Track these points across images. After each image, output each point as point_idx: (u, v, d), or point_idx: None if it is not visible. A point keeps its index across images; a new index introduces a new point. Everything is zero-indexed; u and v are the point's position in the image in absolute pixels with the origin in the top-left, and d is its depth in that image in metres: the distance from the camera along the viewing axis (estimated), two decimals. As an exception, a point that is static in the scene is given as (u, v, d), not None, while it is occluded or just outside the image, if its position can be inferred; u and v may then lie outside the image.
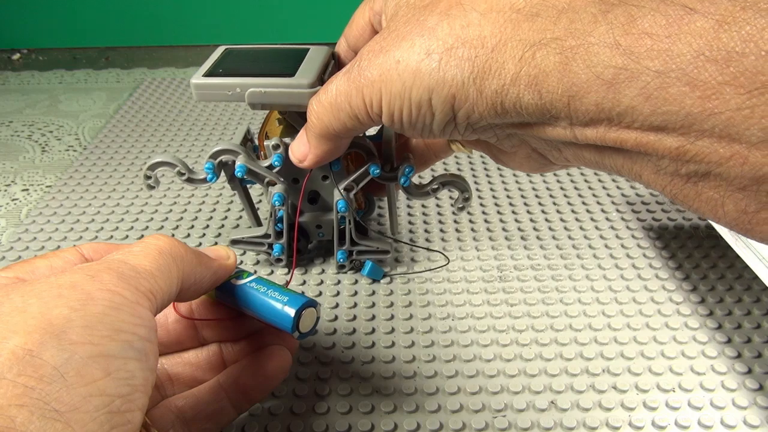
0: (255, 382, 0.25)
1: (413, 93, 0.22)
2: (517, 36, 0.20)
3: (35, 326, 0.15)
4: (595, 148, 0.21)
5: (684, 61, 0.16)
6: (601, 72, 0.18)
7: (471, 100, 0.21)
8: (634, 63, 0.17)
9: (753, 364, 0.31)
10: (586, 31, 0.18)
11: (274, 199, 0.35)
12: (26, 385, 0.14)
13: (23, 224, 0.44)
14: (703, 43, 0.16)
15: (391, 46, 0.22)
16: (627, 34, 0.17)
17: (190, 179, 0.36)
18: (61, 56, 0.83)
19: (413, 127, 0.24)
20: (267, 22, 0.84)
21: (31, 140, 0.59)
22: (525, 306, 0.36)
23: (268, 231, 0.37)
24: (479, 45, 0.20)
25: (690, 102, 0.16)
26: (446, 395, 0.30)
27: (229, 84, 0.30)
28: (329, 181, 0.36)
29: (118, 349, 0.17)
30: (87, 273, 0.18)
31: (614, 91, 0.18)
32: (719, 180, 0.17)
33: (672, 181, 0.19)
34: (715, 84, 0.16)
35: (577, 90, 0.19)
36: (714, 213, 0.18)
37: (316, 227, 0.38)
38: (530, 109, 0.20)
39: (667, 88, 0.17)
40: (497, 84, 0.20)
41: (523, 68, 0.20)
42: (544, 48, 0.19)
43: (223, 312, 0.27)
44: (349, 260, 0.38)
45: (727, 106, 0.16)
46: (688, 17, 0.16)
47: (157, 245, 0.21)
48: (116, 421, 0.16)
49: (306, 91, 0.29)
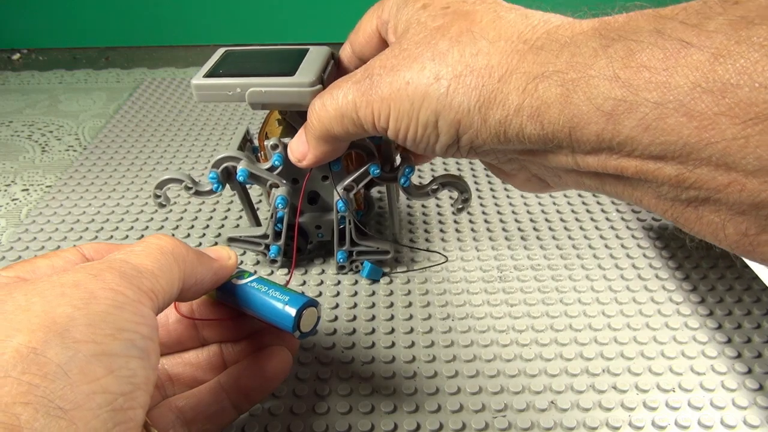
0: (255, 383, 0.26)
1: (421, 114, 0.23)
2: (522, 68, 0.21)
3: (39, 324, 0.16)
4: (596, 175, 0.21)
5: (681, 92, 0.17)
6: (601, 104, 0.18)
7: (475, 127, 0.22)
8: (633, 95, 0.18)
9: (753, 364, 0.31)
10: (587, 65, 0.19)
11: (277, 201, 0.35)
12: (30, 383, 0.14)
13: (23, 224, 0.44)
14: (700, 76, 0.16)
15: (403, 66, 0.23)
16: (626, 68, 0.18)
17: (197, 192, 0.36)
18: (61, 56, 0.83)
19: (417, 145, 0.25)
20: (267, 22, 0.84)
21: (31, 140, 0.59)
22: (525, 306, 0.36)
23: (267, 231, 0.37)
24: (487, 74, 0.21)
25: (687, 132, 0.17)
26: (446, 395, 0.30)
27: (230, 84, 0.30)
28: (329, 181, 0.36)
29: (120, 347, 0.17)
30: (89, 272, 0.18)
31: (614, 122, 0.18)
32: (719, 205, 0.18)
33: (673, 206, 0.19)
34: (711, 114, 0.16)
35: (578, 121, 0.19)
36: (715, 236, 0.19)
37: (316, 228, 0.38)
38: (533, 138, 0.21)
39: (665, 118, 0.17)
40: (501, 114, 0.21)
41: (526, 99, 0.20)
42: (547, 80, 0.20)
43: (224, 312, 0.27)
44: (349, 261, 0.38)
45: (723, 136, 0.16)
46: (684, 51, 0.17)
47: (158, 245, 0.21)
48: (119, 418, 0.16)
49: (306, 90, 0.29)
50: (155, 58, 0.81)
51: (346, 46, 0.31)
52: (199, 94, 0.31)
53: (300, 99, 0.29)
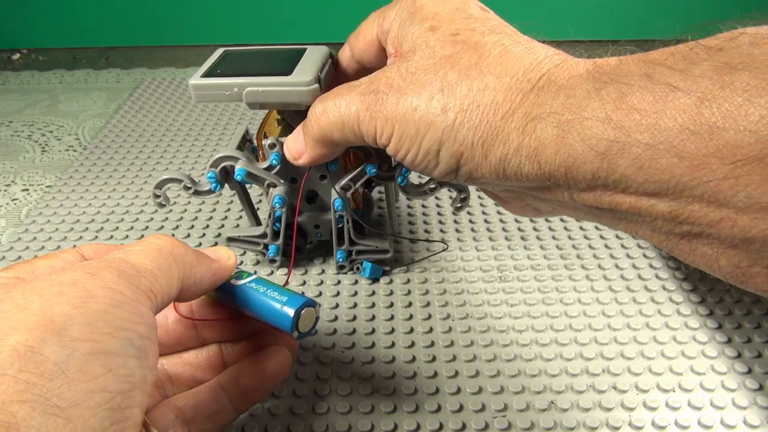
0: (255, 383, 0.26)
1: (424, 141, 0.24)
2: (522, 108, 0.21)
3: (36, 323, 0.16)
4: (591, 209, 0.22)
5: (671, 134, 0.17)
6: (595, 144, 0.19)
7: (476, 161, 0.23)
8: (625, 136, 0.18)
9: (753, 364, 0.31)
10: (581, 106, 0.19)
11: (274, 201, 0.35)
12: (28, 381, 0.14)
13: (23, 224, 0.44)
14: (687, 118, 0.17)
15: (410, 91, 0.24)
16: (618, 110, 0.19)
17: (197, 192, 0.36)
18: (61, 56, 0.83)
19: (415, 167, 0.25)
20: (267, 22, 0.84)
21: (31, 140, 0.59)
22: (525, 306, 0.36)
23: (266, 231, 0.37)
24: (491, 111, 0.22)
25: (680, 171, 0.17)
26: (446, 395, 0.30)
27: (227, 84, 0.30)
28: (327, 180, 0.36)
29: (118, 346, 0.17)
30: (88, 271, 0.18)
31: (608, 162, 0.19)
32: (712, 239, 0.18)
33: (667, 238, 0.20)
34: (700, 156, 0.17)
35: (573, 161, 0.20)
36: (709, 267, 0.19)
37: (314, 227, 0.38)
38: (530, 177, 0.22)
39: (658, 158, 0.18)
40: (501, 152, 0.22)
41: (525, 139, 0.21)
42: (543, 121, 0.20)
43: (223, 312, 0.27)
44: (348, 260, 0.38)
45: (714, 176, 0.17)
46: (672, 94, 0.18)
47: (157, 244, 0.21)
48: (116, 417, 0.16)
49: (303, 89, 0.29)
50: (155, 58, 0.81)
51: (346, 48, 0.31)
52: (197, 95, 0.31)
53: (297, 98, 0.29)
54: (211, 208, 0.46)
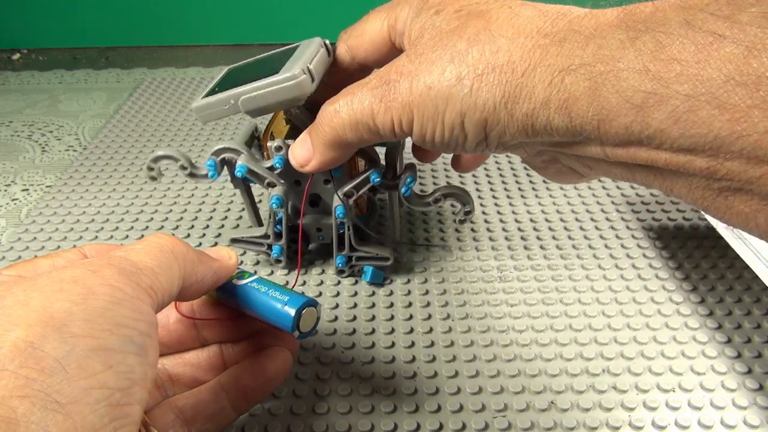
0: (255, 383, 0.26)
1: (446, 117, 0.23)
2: (545, 61, 0.20)
3: (37, 319, 0.16)
4: (626, 165, 0.21)
5: (714, 85, 0.17)
6: (631, 96, 0.18)
7: (503, 123, 0.22)
8: (664, 87, 0.18)
9: (753, 364, 0.31)
10: (615, 57, 0.19)
11: (271, 201, 0.35)
12: (28, 377, 0.14)
13: (23, 224, 0.44)
14: (733, 68, 0.16)
15: (422, 71, 0.23)
16: (656, 60, 0.18)
17: (192, 174, 0.35)
18: (61, 56, 0.83)
19: (446, 146, 0.24)
20: (267, 22, 0.84)
21: (31, 140, 0.59)
22: (525, 306, 0.36)
23: (268, 232, 0.37)
24: (509, 70, 0.21)
25: (719, 125, 0.17)
26: (446, 395, 0.30)
27: (224, 98, 0.30)
28: (330, 184, 0.36)
29: (118, 343, 0.17)
30: (88, 268, 0.18)
31: (643, 115, 0.18)
32: (751, 195, 0.18)
33: (704, 194, 0.19)
34: (744, 107, 0.16)
35: (606, 113, 0.19)
36: (746, 224, 0.19)
37: (317, 230, 0.38)
38: (561, 130, 0.21)
39: (697, 111, 0.17)
40: (528, 107, 0.21)
41: (552, 93, 0.20)
42: (573, 73, 0.20)
43: (224, 312, 0.27)
44: (348, 266, 0.38)
45: (756, 129, 0.16)
46: (717, 44, 0.17)
47: (158, 243, 0.21)
48: (116, 414, 0.16)
49: (291, 83, 0.29)
50: (155, 58, 0.81)
51: (343, 49, 0.30)
52: (200, 116, 0.31)
53: (288, 93, 0.29)
54: (212, 207, 0.46)
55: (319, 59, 0.31)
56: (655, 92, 0.18)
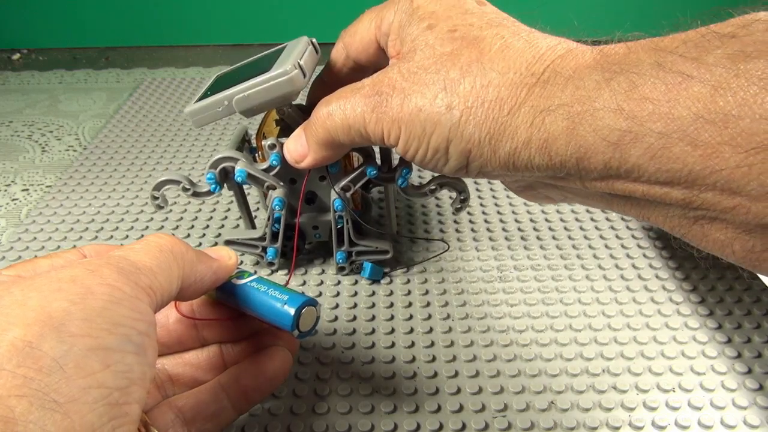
0: (255, 384, 0.26)
1: (432, 139, 0.24)
2: (529, 101, 0.21)
3: (35, 319, 0.16)
4: (603, 196, 0.22)
5: (684, 123, 0.17)
6: (607, 135, 0.19)
7: (485, 157, 0.23)
8: (638, 126, 0.18)
9: (753, 364, 0.31)
10: (591, 97, 0.19)
11: (274, 203, 0.35)
12: (26, 376, 0.14)
13: (23, 224, 0.44)
14: (702, 107, 0.17)
15: (414, 91, 0.24)
16: (629, 100, 0.19)
17: (195, 193, 0.36)
18: (61, 56, 0.83)
19: (426, 165, 0.25)
20: (267, 22, 0.84)
21: (31, 140, 0.59)
22: (525, 306, 0.36)
23: (264, 234, 0.37)
24: (497, 107, 0.22)
25: (692, 160, 0.18)
26: (446, 395, 0.30)
27: (217, 100, 0.31)
28: (326, 182, 0.36)
29: (116, 342, 0.17)
30: (87, 267, 0.18)
31: (620, 151, 0.19)
32: (726, 224, 0.18)
33: (680, 222, 0.20)
34: (714, 144, 0.17)
35: (584, 151, 0.20)
36: (722, 251, 0.19)
37: (313, 228, 0.38)
38: (542, 168, 0.22)
39: (671, 147, 0.18)
40: (510, 146, 0.22)
41: (534, 133, 0.21)
42: (553, 114, 0.20)
43: (224, 312, 0.27)
44: (348, 262, 0.38)
45: (727, 164, 0.17)
46: (685, 83, 0.18)
47: (157, 243, 0.21)
48: (114, 413, 0.16)
49: (284, 78, 0.29)
50: (155, 58, 0.81)
51: (340, 46, 0.31)
52: (194, 120, 0.32)
53: (281, 89, 0.30)
54: (211, 208, 0.46)
55: (309, 56, 0.31)
56: (630, 130, 0.18)
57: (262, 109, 0.32)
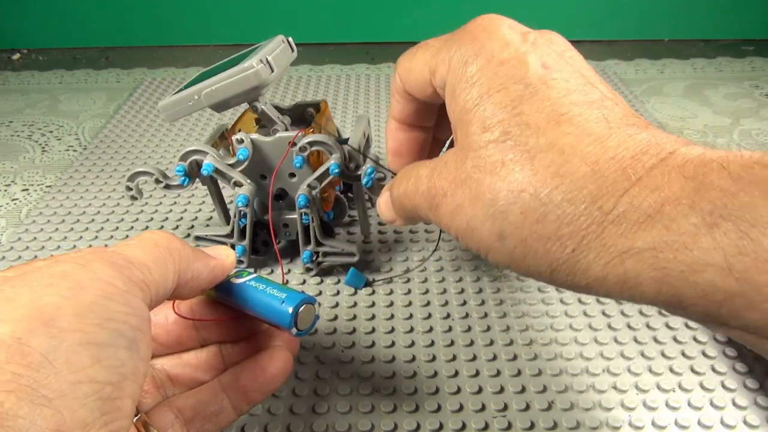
0: (255, 384, 0.25)
1: (488, 257, 0.21)
2: (601, 240, 0.18)
3: (24, 314, 0.16)
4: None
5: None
6: (711, 292, 0.16)
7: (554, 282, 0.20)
8: (755, 292, 0.15)
9: (753, 364, 0.31)
10: (687, 246, 0.16)
11: (238, 200, 0.35)
12: (14, 372, 0.14)
13: (23, 224, 0.44)
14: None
15: (467, 204, 0.21)
16: (742, 256, 0.15)
17: (167, 186, 0.37)
18: (61, 56, 0.83)
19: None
20: (267, 22, 0.84)
21: (31, 140, 0.59)
22: (525, 306, 0.36)
23: (231, 230, 0.37)
24: (558, 245, 0.19)
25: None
26: (446, 395, 0.30)
27: (187, 95, 0.32)
28: (296, 179, 0.36)
29: (108, 337, 0.17)
30: (78, 262, 0.18)
31: (728, 309, 0.16)
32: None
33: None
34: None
35: (679, 301, 0.17)
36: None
37: (283, 226, 0.38)
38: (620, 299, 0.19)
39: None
40: (582, 281, 0.19)
41: (610, 273, 0.18)
42: (634, 258, 0.17)
43: (223, 312, 0.27)
44: (313, 261, 0.38)
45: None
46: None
47: (153, 238, 0.21)
48: (106, 408, 0.16)
49: (249, 72, 0.31)
50: (155, 58, 0.81)
51: (397, 77, 0.28)
52: (167, 114, 0.33)
53: (248, 83, 0.31)
54: (211, 207, 0.46)
55: (280, 53, 0.33)
56: (744, 295, 0.15)
57: (232, 104, 0.33)
